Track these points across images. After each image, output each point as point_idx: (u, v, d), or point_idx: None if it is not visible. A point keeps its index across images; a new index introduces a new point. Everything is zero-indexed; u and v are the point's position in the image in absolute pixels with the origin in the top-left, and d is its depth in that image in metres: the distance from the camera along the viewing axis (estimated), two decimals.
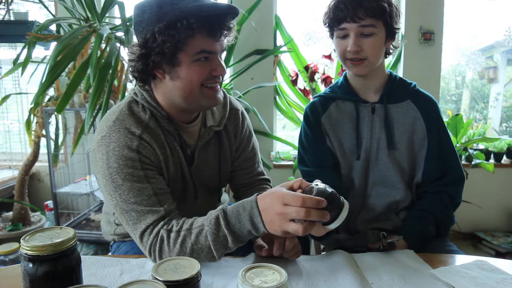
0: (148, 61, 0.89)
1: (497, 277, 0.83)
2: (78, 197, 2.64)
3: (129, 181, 0.88)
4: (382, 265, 0.90)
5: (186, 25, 0.83)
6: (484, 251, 2.59)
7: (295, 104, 2.72)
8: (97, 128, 0.97)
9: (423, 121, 1.12)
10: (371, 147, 1.14)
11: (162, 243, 0.84)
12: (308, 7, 2.88)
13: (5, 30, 2.29)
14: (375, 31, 1.04)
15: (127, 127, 0.92)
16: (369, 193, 1.16)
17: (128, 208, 0.87)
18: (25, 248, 0.61)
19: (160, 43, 0.85)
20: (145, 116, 0.95)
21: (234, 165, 1.15)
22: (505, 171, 2.71)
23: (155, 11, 0.86)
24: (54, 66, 1.59)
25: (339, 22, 1.04)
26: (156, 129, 0.96)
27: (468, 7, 2.90)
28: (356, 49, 1.04)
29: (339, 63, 2.53)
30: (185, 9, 0.84)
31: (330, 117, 1.17)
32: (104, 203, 1.19)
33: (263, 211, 0.78)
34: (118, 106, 0.97)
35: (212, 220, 0.82)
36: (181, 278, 0.61)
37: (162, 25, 0.84)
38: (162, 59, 0.88)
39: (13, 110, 2.94)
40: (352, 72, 1.11)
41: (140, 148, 0.90)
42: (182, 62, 0.88)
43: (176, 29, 0.84)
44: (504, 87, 3.04)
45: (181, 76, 0.90)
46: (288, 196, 0.75)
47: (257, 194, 0.82)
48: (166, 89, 0.94)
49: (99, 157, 0.90)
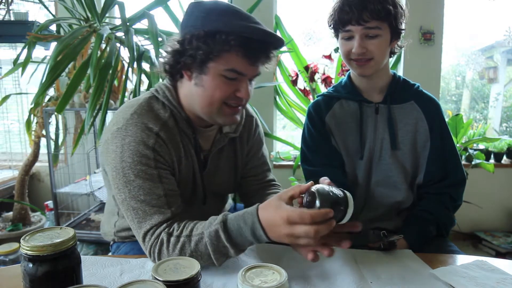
0: (180, 59, 0.89)
1: (497, 277, 0.83)
2: (78, 197, 2.64)
3: (141, 178, 0.86)
4: (381, 265, 0.91)
5: (224, 40, 0.82)
6: (484, 251, 2.59)
7: (295, 104, 2.72)
8: (112, 119, 0.95)
9: (426, 122, 1.13)
10: (374, 147, 1.14)
11: (162, 246, 0.84)
12: (308, 7, 2.88)
13: (5, 30, 2.29)
14: (380, 32, 1.03)
15: (144, 122, 0.90)
16: (371, 193, 1.16)
17: (136, 205, 0.86)
18: (25, 248, 0.61)
19: (195, 47, 0.85)
20: (164, 114, 0.93)
21: (244, 171, 1.14)
22: (505, 171, 2.71)
23: (202, 16, 0.85)
24: (54, 66, 1.59)
25: (344, 24, 1.04)
26: (174, 128, 0.94)
27: (468, 7, 2.90)
28: (361, 51, 1.03)
29: (339, 63, 2.53)
30: (229, 24, 0.83)
31: (334, 116, 1.16)
32: (107, 202, 1.17)
33: (268, 228, 0.77)
34: (137, 100, 0.95)
35: (212, 233, 0.81)
36: (181, 278, 0.61)
37: (202, 32, 0.84)
38: (192, 63, 0.88)
39: (13, 110, 2.94)
40: (357, 72, 1.11)
41: (156, 146, 0.89)
42: (210, 72, 0.87)
43: (214, 40, 0.83)
44: (504, 87, 3.04)
45: (205, 86, 0.89)
46: (294, 215, 0.73)
47: (258, 204, 0.81)
48: (189, 93, 0.93)
49: (112, 149, 0.89)
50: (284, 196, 0.78)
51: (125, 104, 0.97)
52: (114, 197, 0.95)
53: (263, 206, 0.79)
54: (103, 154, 0.94)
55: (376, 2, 1.00)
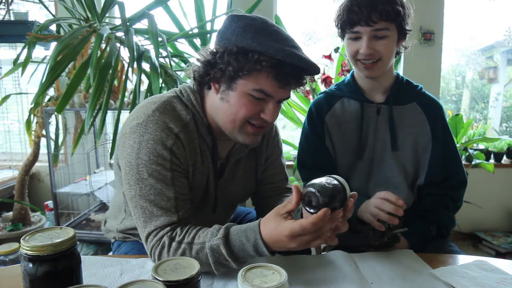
0: (210, 71, 0.88)
1: (497, 277, 0.83)
2: (78, 197, 2.65)
3: (154, 178, 0.86)
4: (382, 265, 0.91)
5: (256, 60, 0.81)
6: (484, 251, 2.60)
7: (295, 104, 2.71)
8: (132, 113, 0.93)
9: (428, 124, 1.12)
10: (375, 147, 1.14)
11: (163, 249, 0.83)
12: (308, 7, 2.88)
13: (5, 30, 2.29)
14: (388, 33, 1.03)
15: (165, 121, 0.88)
16: (371, 194, 1.16)
17: (144, 204, 0.86)
18: (25, 248, 0.61)
19: (226, 62, 0.84)
20: (186, 116, 0.92)
21: (261, 177, 1.12)
22: (505, 171, 2.71)
23: (238, 31, 0.84)
24: (54, 66, 1.59)
25: (353, 25, 1.02)
26: (194, 132, 0.93)
27: (468, 7, 2.90)
28: (369, 52, 1.02)
29: (339, 63, 2.53)
30: (264, 44, 0.81)
31: (334, 115, 1.16)
32: (114, 197, 1.15)
33: (272, 244, 0.78)
34: (159, 97, 0.93)
35: (214, 246, 0.80)
36: (181, 278, 0.61)
37: (235, 48, 0.83)
38: (221, 76, 0.87)
39: (13, 110, 2.94)
40: (364, 74, 1.10)
41: (174, 148, 0.88)
42: (238, 89, 0.86)
43: (246, 58, 0.82)
44: (504, 87, 3.04)
45: (230, 102, 0.88)
46: (296, 229, 0.73)
47: (259, 220, 0.81)
48: (214, 104, 0.92)
49: (129, 144, 0.87)
50: (282, 212, 0.77)
51: (147, 99, 0.95)
52: (124, 192, 0.94)
53: (264, 223, 0.79)
54: (119, 147, 0.92)
55: (386, 3, 0.99)
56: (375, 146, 1.13)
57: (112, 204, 1.16)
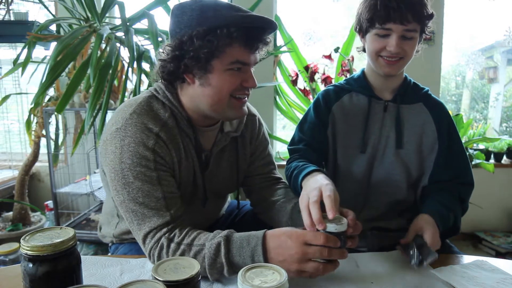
0: (181, 63, 0.88)
1: (497, 277, 0.83)
2: (78, 197, 2.65)
3: (140, 180, 0.86)
4: (382, 265, 0.91)
5: (226, 33, 0.83)
6: (484, 251, 2.59)
7: (295, 104, 2.72)
8: (111, 119, 0.93)
9: (434, 124, 1.13)
10: (378, 144, 1.14)
11: (162, 250, 0.83)
12: (308, 7, 2.88)
13: (5, 30, 2.29)
14: (416, 35, 1.05)
15: (144, 123, 0.88)
16: (371, 191, 1.16)
17: (134, 207, 0.86)
18: (25, 248, 0.61)
19: (196, 47, 0.84)
20: (164, 114, 0.92)
21: (249, 170, 1.14)
22: (505, 171, 2.70)
23: (196, 14, 0.84)
24: (54, 66, 1.59)
25: (385, 21, 1.02)
26: (174, 129, 0.93)
27: (468, 7, 2.90)
28: (398, 50, 1.03)
29: (339, 63, 2.53)
30: (228, 17, 0.83)
31: (342, 107, 1.17)
32: (105, 203, 1.16)
33: (273, 250, 0.78)
34: (135, 99, 0.94)
35: (213, 245, 0.80)
36: (181, 278, 0.61)
37: (202, 30, 0.83)
38: (195, 64, 0.87)
39: (13, 110, 2.94)
40: (384, 71, 1.09)
41: (156, 147, 0.88)
42: (215, 70, 0.87)
43: (216, 36, 0.83)
44: (504, 87, 3.04)
45: (212, 84, 0.89)
46: (309, 234, 0.74)
47: (265, 230, 0.81)
48: (194, 94, 0.92)
49: (111, 150, 0.87)
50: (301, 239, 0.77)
51: (124, 103, 0.96)
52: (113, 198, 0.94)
53: (273, 232, 0.80)
54: (102, 154, 0.93)
55: (421, 5, 1.01)
56: (379, 142, 1.14)
57: (104, 210, 1.15)
